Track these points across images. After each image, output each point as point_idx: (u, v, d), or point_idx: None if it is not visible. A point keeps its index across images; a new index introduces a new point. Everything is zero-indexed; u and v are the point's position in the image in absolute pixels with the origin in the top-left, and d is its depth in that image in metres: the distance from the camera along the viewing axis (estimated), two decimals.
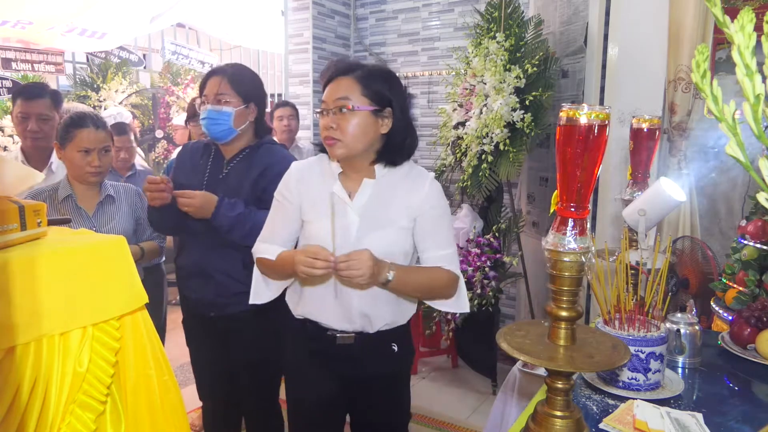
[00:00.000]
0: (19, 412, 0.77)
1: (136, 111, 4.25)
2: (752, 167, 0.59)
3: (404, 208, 1.41)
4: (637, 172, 1.61)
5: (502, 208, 3.25)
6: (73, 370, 0.83)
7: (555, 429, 0.90)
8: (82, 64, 4.01)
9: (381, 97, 1.38)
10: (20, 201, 0.89)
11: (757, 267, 1.80)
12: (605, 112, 0.82)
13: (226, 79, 1.74)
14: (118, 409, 0.93)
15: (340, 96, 1.37)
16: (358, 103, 1.36)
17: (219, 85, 1.73)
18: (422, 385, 3.44)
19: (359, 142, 1.37)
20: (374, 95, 1.38)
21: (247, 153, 1.80)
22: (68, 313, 0.83)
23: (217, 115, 1.72)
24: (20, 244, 0.86)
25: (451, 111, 3.18)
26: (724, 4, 1.13)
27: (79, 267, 0.86)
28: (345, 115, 1.36)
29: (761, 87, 0.56)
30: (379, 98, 1.38)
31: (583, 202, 0.85)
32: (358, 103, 1.36)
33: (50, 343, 0.81)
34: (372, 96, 1.37)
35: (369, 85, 1.38)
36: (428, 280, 1.42)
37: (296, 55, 4.22)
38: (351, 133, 1.35)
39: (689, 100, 2.54)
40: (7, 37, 3.18)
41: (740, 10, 0.57)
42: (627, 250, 1.40)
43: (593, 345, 0.91)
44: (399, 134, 1.42)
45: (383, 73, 1.44)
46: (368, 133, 1.37)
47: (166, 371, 0.98)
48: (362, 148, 1.38)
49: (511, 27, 2.94)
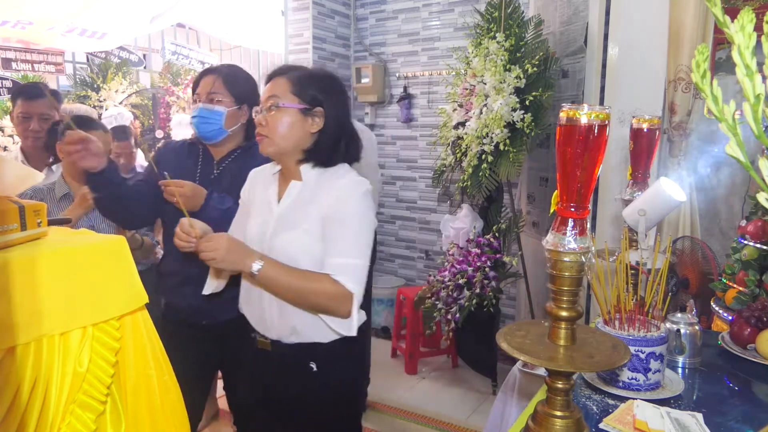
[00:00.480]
0: (19, 412, 0.77)
1: (136, 111, 4.24)
2: (752, 167, 0.59)
3: (316, 210, 1.38)
4: (637, 172, 1.61)
5: (502, 208, 3.25)
6: (73, 370, 0.83)
7: (555, 429, 0.90)
8: (82, 64, 4.01)
9: (312, 96, 1.39)
10: (20, 201, 0.89)
11: (757, 267, 1.80)
12: (605, 112, 0.82)
13: (221, 78, 1.72)
14: (118, 409, 0.92)
15: (270, 94, 1.39)
16: (287, 101, 1.37)
17: (213, 84, 1.71)
18: (422, 385, 3.44)
19: (286, 140, 1.38)
20: (304, 94, 1.39)
21: (238, 154, 1.78)
22: (68, 313, 0.83)
23: (209, 114, 1.70)
24: (20, 244, 0.86)
25: (451, 111, 3.18)
26: (724, 4, 1.13)
27: (79, 267, 0.86)
28: (274, 113, 1.37)
29: (761, 87, 0.56)
30: (309, 97, 1.39)
31: (583, 202, 0.85)
32: (287, 101, 1.37)
33: (50, 343, 0.81)
34: (301, 94, 1.38)
35: (300, 85, 1.39)
36: (301, 285, 1.32)
37: (296, 55, 4.22)
38: (278, 130, 1.37)
39: (689, 100, 2.54)
40: (7, 37, 3.18)
41: (740, 10, 0.57)
42: (627, 250, 1.40)
43: (593, 345, 0.91)
44: (330, 135, 1.41)
45: (319, 74, 1.45)
46: (296, 131, 1.38)
47: (166, 371, 0.98)
48: (290, 145, 1.39)
49: (511, 27, 2.94)
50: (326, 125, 1.41)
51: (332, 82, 1.46)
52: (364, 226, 1.39)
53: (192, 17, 4.16)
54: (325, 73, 1.47)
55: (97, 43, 3.56)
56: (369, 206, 1.42)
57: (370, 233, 1.41)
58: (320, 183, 1.41)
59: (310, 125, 1.39)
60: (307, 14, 4.11)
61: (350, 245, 1.35)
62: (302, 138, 1.40)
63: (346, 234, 1.36)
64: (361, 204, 1.39)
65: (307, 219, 1.38)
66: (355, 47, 4.50)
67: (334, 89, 1.45)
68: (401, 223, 4.47)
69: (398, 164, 4.43)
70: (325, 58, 4.26)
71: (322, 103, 1.40)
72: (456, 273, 3.06)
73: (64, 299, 0.82)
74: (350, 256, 1.35)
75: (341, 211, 1.37)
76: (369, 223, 1.41)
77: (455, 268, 3.08)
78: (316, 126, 1.40)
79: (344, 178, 1.42)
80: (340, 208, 1.37)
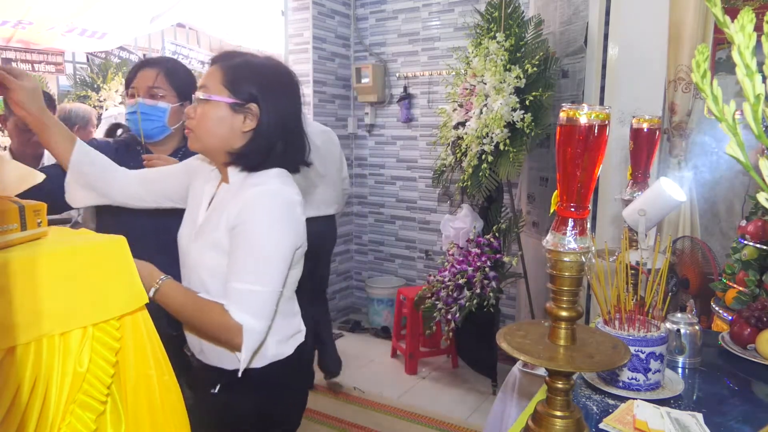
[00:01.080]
0: (19, 412, 0.77)
1: None
2: (752, 167, 0.59)
3: (224, 221, 1.20)
4: (637, 172, 1.61)
5: (502, 208, 3.25)
6: (73, 370, 0.83)
7: (555, 429, 0.90)
8: (82, 64, 4.01)
9: (246, 91, 1.20)
10: (20, 201, 0.89)
11: (757, 267, 1.80)
12: (605, 112, 0.82)
13: (162, 72, 1.60)
14: (118, 409, 0.93)
15: (202, 84, 1.23)
16: (214, 93, 1.20)
17: (154, 78, 1.59)
18: (422, 385, 3.44)
19: (212, 137, 1.21)
20: (237, 88, 1.20)
21: (183, 153, 1.66)
22: (68, 313, 0.83)
23: (150, 110, 1.58)
24: (21, 245, 0.86)
25: (451, 111, 3.18)
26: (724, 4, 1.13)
27: (79, 267, 0.86)
28: (201, 105, 1.21)
29: (761, 87, 0.56)
30: (242, 92, 1.20)
31: (583, 202, 0.85)
32: (215, 92, 1.20)
33: (50, 343, 0.81)
34: (234, 88, 1.20)
35: (233, 76, 1.21)
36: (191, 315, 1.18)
37: (296, 55, 4.22)
38: (204, 125, 1.21)
39: (689, 100, 2.54)
40: (7, 37, 3.18)
41: (740, 10, 0.57)
42: (627, 250, 1.40)
43: (593, 345, 0.91)
44: (265, 137, 1.22)
45: (260, 65, 1.25)
46: (223, 129, 1.20)
47: (167, 371, 0.98)
48: (216, 144, 1.22)
49: (511, 27, 2.94)
50: (260, 125, 1.21)
51: (276, 76, 1.25)
52: (272, 246, 1.17)
53: (192, 17, 4.17)
54: (269, 63, 1.27)
55: (97, 43, 3.56)
56: (283, 221, 1.19)
57: (282, 255, 1.19)
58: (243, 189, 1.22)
59: (242, 124, 1.21)
60: (307, 14, 4.11)
61: (248, 269, 1.16)
62: (231, 137, 1.21)
63: (246, 254, 1.16)
64: (269, 218, 1.18)
65: (217, 229, 1.20)
66: (355, 47, 4.50)
67: (278, 84, 1.25)
68: (401, 223, 4.47)
69: (398, 164, 4.43)
70: (325, 58, 4.26)
71: (258, 100, 1.21)
72: (456, 273, 3.06)
73: (64, 299, 0.83)
74: (247, 282, 1.15)
75: (243, 225, 1.17)
76: (278, 242, 1.18)
77: (455, 268, 3.08)
78: (249, 125, 1.21)
79: (258, 186, 1.20)
80: (243, 222, 1.17)
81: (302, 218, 1.25)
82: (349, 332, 4.30)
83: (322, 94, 4.27)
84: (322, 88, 4.27)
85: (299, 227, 1.24)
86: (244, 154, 1.23)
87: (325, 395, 3.29)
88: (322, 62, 4.23)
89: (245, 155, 1.23)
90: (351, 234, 4.72)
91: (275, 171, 1.25)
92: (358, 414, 3.08)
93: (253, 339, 1.16)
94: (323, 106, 4.29)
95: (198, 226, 1.27)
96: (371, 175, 4.58)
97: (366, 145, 4.57)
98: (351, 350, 3.92)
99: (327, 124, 4.30)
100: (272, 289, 1.17)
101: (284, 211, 1.20)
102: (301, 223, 1.25)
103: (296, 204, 1.23)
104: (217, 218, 1.22)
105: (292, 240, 1.21)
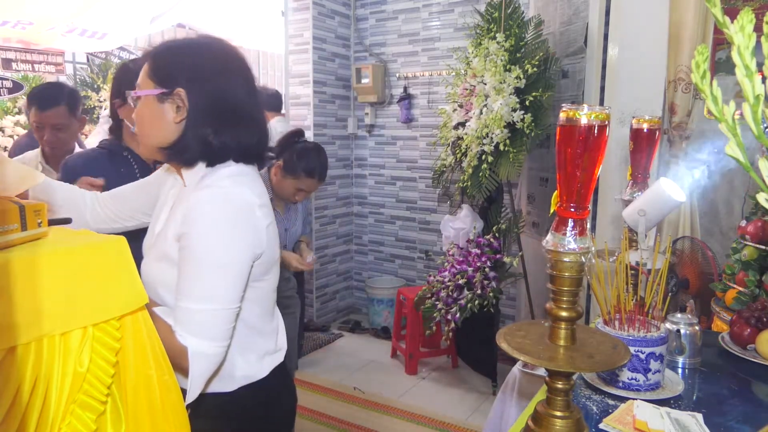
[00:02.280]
0: (19, 412, 0.77)
1: None
2: (752, 167, 0.59)
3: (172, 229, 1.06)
4: (637, 172, 1.61)
5: (502, 208, 3.25)
6: (73, 370, 0.83)
7: (555, 429, 0.90)
8: (82, 65, 4.01)
9: (168, 75, 1.05)
10: (20, 201, 0.89)
11: (757, 267, 1.80)
12: (605, 113, 0.82)
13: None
14: (118, 409, 0.93)
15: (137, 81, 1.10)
16: (142, 87, 1.07)
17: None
18: (422, 385, 3.44)
19: (150, 137, 1.08)
20: (159, 75, 1.05)
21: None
22: (69, 313, 0.83)
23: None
24: (21, 245, 0.86)
25: (451, 111, 3.18)
26: (724, 5, 1.13)
27: (79, 267, 0.86)
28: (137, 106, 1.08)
29: (761, 87, 0.56)
30: (166, 78, 1.05)
31: (583, 202, 0.85)
32: (142, 86, 1.07)
33: (51, 344, 0.81)
34: (156, 76, 1.05)
35: (155, 63, 1.07)
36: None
37: (296, 55, 4.22)
38: (140, 127, 1.09)
39: (689, 101, 2.54)
40: (8, 37, 3.19)
41: (740, 11, 0.57)
42: (627, 251, 1.40)
43: (593, 345, 0.91)
44: (195, 126, 1.05)
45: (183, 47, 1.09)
46: (155, 125, 1.06)
47: (167, 371, 0.98)
48: (155, 143, 1.08)
49: (511, 27, 2.94)
50: (189, 112, 1.04)
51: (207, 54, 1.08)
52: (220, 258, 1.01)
53: (192, 17, 4.18)
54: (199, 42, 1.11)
55: (97, 43, 3.57)
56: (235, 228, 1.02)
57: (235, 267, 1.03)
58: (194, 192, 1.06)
59: (175, 114, 1.05)
60: (308, 14, 4.11)
61: (194, 285, 1.01)
62: (167, 131, 1.06)
63: (191, 269, 1.01)
64: (214, 226, 1.01)
65: (166, 239, 1.07)
66: (355, 47, 4.50)
67: (208, 63, 1.07)
68: (401, 223, 4.47)
69: (398, 164, 4.43)
70: (325, 59, 4.26)
71: (181, 83, 1.04)
72: (456, 273, 3.07)
73: (64, 299, 0.83)
74: (192, 300, 1.00)
75: (188, 235, 1.01)
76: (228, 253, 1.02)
77: (455, 268, 3.08)
78: (181, 114, 1.05)
79: (204, 190, 1.04)
80: (188, 232, 1.01)
81: (262, 222, 1.08)
82: (349, 332, 4.30)
83: (322, 94, 4.27)
84: (322, 88, 4.27)
85: (257, 233, 1.06)
86: (178, 149, 1.07)
87: (325, 395, 3.29)
88: (322, 62, 4.23)
89: (179, 149, 1.07)
90: (351, 234, 4.73)
91: (229, 170, 1.09)
92: (358, 414, 3.08)
93: (204, 363, 1.01)
94: (323, 106, 4.29)
95: (155, 235, 1.14)
96: (371, 175, 4.58)
97: (366, 146, 4.57)
98: (351, 350, 3.92)
99: (327, 125, 4.32)
100: (224, 307, 1.01)
101: (235, 217, 1.03)
102: (259, 228, 1.07)
103: (251, 207, 1.06)
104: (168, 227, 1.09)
105: (246, 249, 1.04)
